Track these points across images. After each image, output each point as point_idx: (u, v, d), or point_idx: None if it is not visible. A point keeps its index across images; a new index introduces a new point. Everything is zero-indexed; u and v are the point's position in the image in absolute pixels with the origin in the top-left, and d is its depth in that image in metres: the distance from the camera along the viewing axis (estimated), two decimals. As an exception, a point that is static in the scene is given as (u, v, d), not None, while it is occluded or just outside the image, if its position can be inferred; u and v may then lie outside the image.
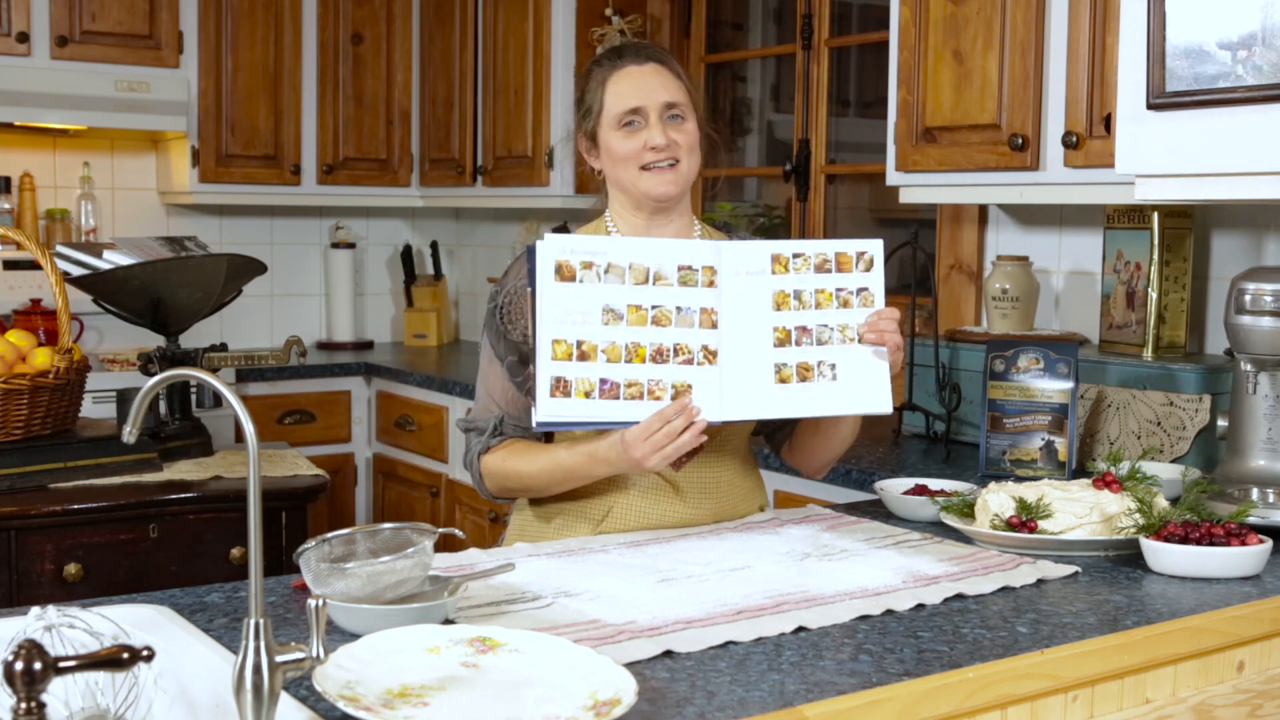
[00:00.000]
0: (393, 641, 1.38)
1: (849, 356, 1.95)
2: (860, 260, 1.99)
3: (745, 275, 1.93)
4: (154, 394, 1.30)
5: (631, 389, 1.85)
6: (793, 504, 2.57)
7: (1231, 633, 1.67)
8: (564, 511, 2.05)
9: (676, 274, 1.90)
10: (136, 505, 2.68)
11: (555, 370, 1.83)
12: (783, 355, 1.92)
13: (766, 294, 1.93)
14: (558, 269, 1.86)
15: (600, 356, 1.84)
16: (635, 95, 2.04)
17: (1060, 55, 2.60)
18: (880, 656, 1.45)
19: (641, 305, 1.87)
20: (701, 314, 1.90)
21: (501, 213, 5.04)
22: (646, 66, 2.06)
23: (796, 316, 1.94)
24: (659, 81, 2.05)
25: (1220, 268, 2.75)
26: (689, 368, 1.87)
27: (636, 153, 2.03)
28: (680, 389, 1.86)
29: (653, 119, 2.03)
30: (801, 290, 1.95)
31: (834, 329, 1.95)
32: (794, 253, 1.96)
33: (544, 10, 4.20)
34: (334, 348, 4.91)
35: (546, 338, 1.84)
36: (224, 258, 3.05)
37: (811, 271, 1.96)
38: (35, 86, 4.05)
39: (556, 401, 1.83)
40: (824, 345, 1.94)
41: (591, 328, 1.85)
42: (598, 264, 1.87)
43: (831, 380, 1.93)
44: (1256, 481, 2.12)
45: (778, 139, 4.21)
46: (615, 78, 2.06)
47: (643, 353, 1.86)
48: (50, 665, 1.05)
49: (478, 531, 3.93)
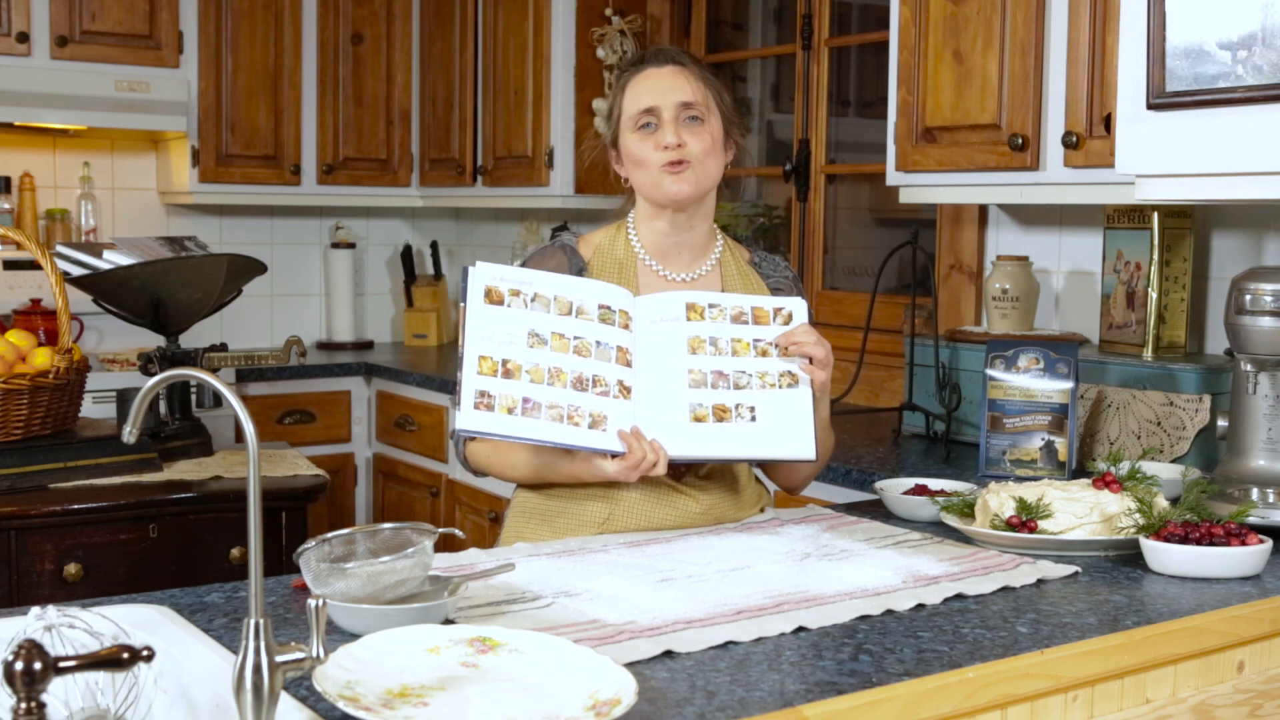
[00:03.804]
0: (393, 641, 1.38)
1: (768, 400, 1.96)
2: (778, 315, 2.01)
3: (660, 322, 1.97)
4: (154, 394, 1.30)
5: (553, 410, 1.86)
6: (793, 504, 2.57)
7: (1231, 633, 1.67)
8: (565, 513, 2.05)
9: (596, 311, 1.94)
10: (136, 505, 2.68)
11: (480, 384, 1.84)
12: (698, 396, 1.94)
13: (680, 339, 1.96)
14: (487, 293, 1.89)
15: (524, 376, 1.86)
16: (650, 96, 2.04)
17: (1060, 55, 2.60)
18: (880, 656, 1.45)
19: (565, 334, 1.90)
20: (618, 351, 1.93)
21: (501, 213, 5.04)
22: (665, 69, 2.07)
23: (712, 361, 1.96)
24: (674, 82, 2.05)
25: (1220, 268, 2.75)
26: (605, 399, 1.89)
27: (652, 154, 2.03)
28: (597, 418, 1.88)
29: (666, 118, 2.03)
30: (717, 338, 1.98)
31: (752, 375, 1.97)
32: (709, 303, 1.99)
33: (544, 10, 4.20)
34: (334, 348, 4.91)
35: (473, 353, 1.86)
36: (224, 258, 3.05)
37: (727, 321, 1.99)
38: (35, 86, 4.05)
39: (479, 414, 1.83)
40: (741, 390, 1.95)
41: (517, 348, 1.87)
42: (525, 293, 1.90)
43: (750, 422, 1.94)
44: (1256, 481, 2.12)
45: (778, 139, 4.21)
46: (634, 81, 2.08)
47: (564, 378, 1.88)
48: (50, 665, 1.05)
49: (478, 531, 3.93)
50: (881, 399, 3.45)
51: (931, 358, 2.92)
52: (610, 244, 2.12)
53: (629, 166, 2.09)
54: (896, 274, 3.55)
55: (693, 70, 2.08)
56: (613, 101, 2.12)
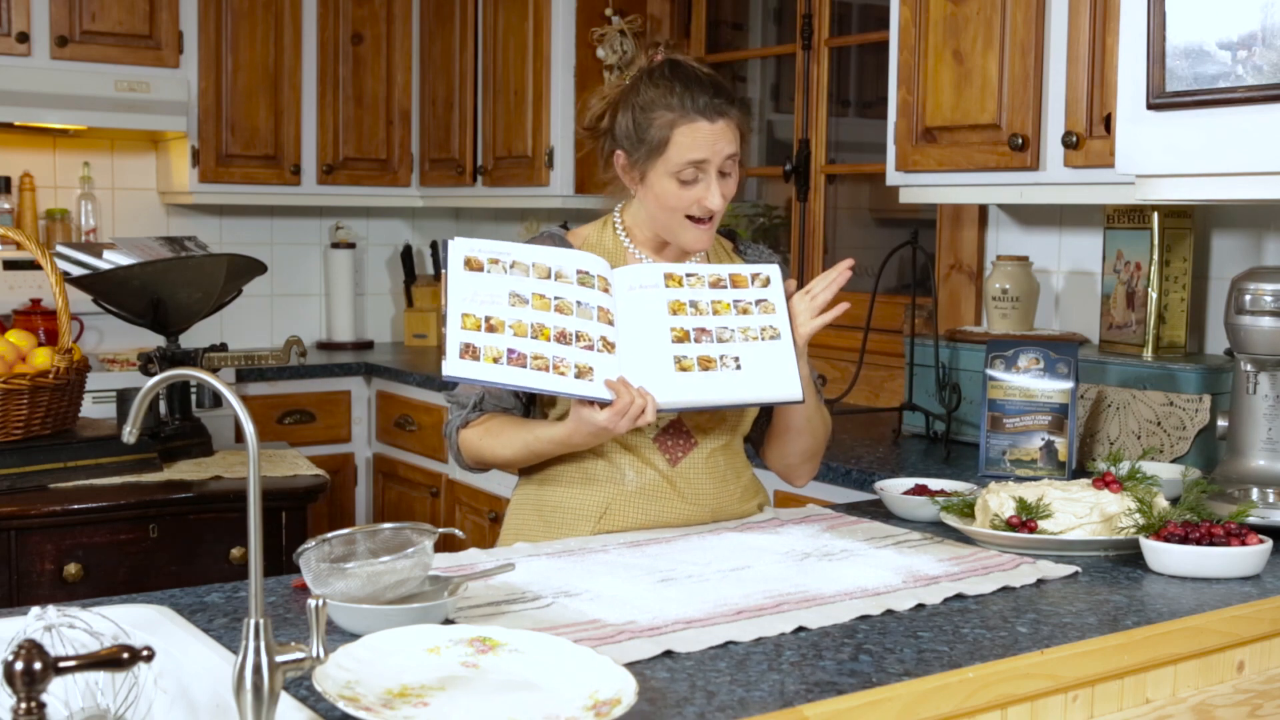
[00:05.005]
0: (393, 641, 1.38)
1: (752, 350, 1.96)
2: (755, 280, 2.02)
3: (639, 289, 1.97)
4: (154, 394, 1.30)
5: (538, 361, 1.86)
6: (793, 504, 2.57)
7: (1231, 633, 1.67)
8: (562, 509, 2.05)
9: (575, 275, 1.94)
10: (136, 505, 2.68)
11: (465, 338, 1.85)
12: (682, 349, 1.94)
13: (661, 302, 1.97)
14: (467, 261, 1.90)
15: (508, 331, 1.87)
16: (703, 150, 1.97)
17: (1060, 55, 2.60)
18: (880, 656, 1.45)
19: (545, 295, 1.91)
20: (599, 310, 1.93)
21: (501, 213, 5.04)
22: (718, 125, 1.98)
23: (694, 320, 1.97)
24: (726, 137, 1.99)
25: (1220, 268, 2.75)
26: (590, 353, 1.89)
27: (687, 206, 2.01)
28: (583, 369, 1.88)
29: (712, 173, 1.99)
30: (698, 300, 1.98)
31: (734, 329, 1.97)
32: (687, 272, 2.00)
33: (544, 10, 4.20)
34: (334, 348, 4.91)
35: (456, 312, 1.86)
36: (224, 258, 3.05)
37: (706, 287, 2.00)
38: (35, 86, 4.05)
39: (465, 363, 1.84)
40: (725, 343, 1.96)
41: (499, 307, 1.88)
42: (504, 260, 1.91)
43: (736, 369, 1.94)
44: (1256, 481, 2.12)
45: (778, 139, 4.21)
46: (686, 129, 1.96)
47: (547, 333, 1.88)
48: (50, 665, 1.05)
49: (478, 531, 3.93)
50: (881, 399, 3.45)
51: (931, 358, 2.92)
52: (599, 236, 2.12)
53: (652, 201, 2.03)
54: (896, 274, 3.55)
55: (736, 119, 2.01)
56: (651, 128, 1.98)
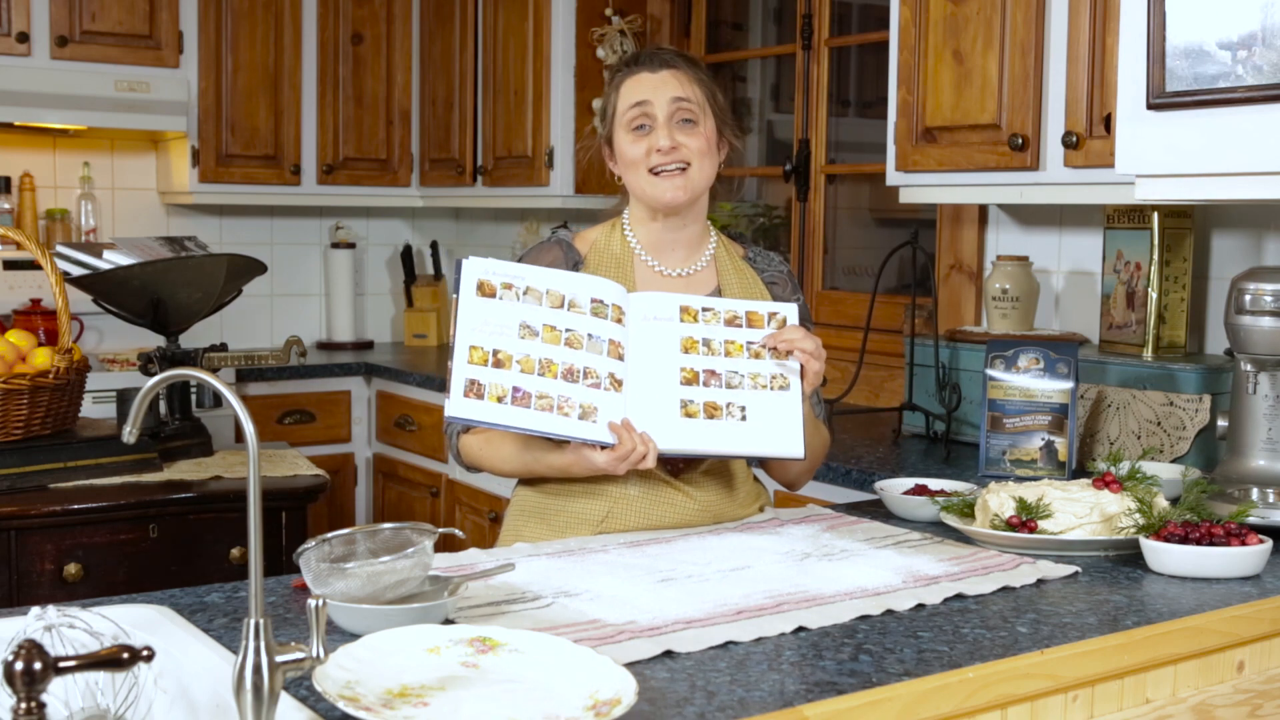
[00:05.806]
0: (393, 641, 1.38)
1: (759, 400, 1.96)
2: (772, 320, 2.02)
3: (653, 320, 1.98)
4: (154, 394, 1.30)
5: (542, 401, 1.87)
6: (793, 504, 2.57)
7: (1231, 633, 1.67)
8: (564, 512, 2.05)
9: (589, 304, 1.94)
10: (136, 505, 2.68)
11: (470, 373, 1.85)
12: (689, 393, 1.95)
13: (674, 338, 1.97)
14: (479, 286, 1.90)
15: (515, 366, 1.87)
16: (644, 90, 2.05)
17: (1060, 55, 2.60)
18: (880, 656, 1.45)
19: (556, 326, 1.91)
20: (610, 344, 1.93)
21: (501, 213, 5.04)
22: (659, 73, 2.06)
23: (705, 361, 1.97)
24: (672, 84, 2.05)
25: (1220, 268, 2.75)
26: (596, 391, 1.90)
27: (644, 155, 2.03)
28: (587, 409, 1.88)
29: (660, 120, 2.03)
30: (710, 339, 1.99)
31: (744, 375, 1.97)
32: (703, 307, 2.00)
33: (544, 10, 4.20)
34: (334, 348, 4.91)
35: (464, 343, 1.87)
36: (224, 258, 3.05)
37: (721, 324, 2.00)
38: (35, 86, 4.05)
39: (469, 402, 1.84)
40: (733, 389, 1.96)
41: (508, 339, 1.88)
42: (517, 286, 1.91)
43: (740, 420, 1.95)
44: (1256, 481, 2.12)
45: (778, 139, 4.21)
46: (629, 81, 2.08)
47: (555, 369, 1.88)
48: (50, 665, 1.05)
49: (478, 531, 3.93)
50: (881, 399, 3.45)
51: (931, 358, 2.92)
52: (606, 240, 2.12)
53: (621, 166, 2.09)
54: (896, 274, 3.55)
55: (686, 72, 2.07)
56: (606, 100, 2.12)
